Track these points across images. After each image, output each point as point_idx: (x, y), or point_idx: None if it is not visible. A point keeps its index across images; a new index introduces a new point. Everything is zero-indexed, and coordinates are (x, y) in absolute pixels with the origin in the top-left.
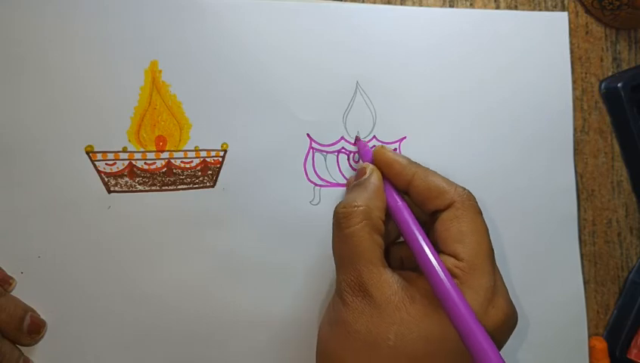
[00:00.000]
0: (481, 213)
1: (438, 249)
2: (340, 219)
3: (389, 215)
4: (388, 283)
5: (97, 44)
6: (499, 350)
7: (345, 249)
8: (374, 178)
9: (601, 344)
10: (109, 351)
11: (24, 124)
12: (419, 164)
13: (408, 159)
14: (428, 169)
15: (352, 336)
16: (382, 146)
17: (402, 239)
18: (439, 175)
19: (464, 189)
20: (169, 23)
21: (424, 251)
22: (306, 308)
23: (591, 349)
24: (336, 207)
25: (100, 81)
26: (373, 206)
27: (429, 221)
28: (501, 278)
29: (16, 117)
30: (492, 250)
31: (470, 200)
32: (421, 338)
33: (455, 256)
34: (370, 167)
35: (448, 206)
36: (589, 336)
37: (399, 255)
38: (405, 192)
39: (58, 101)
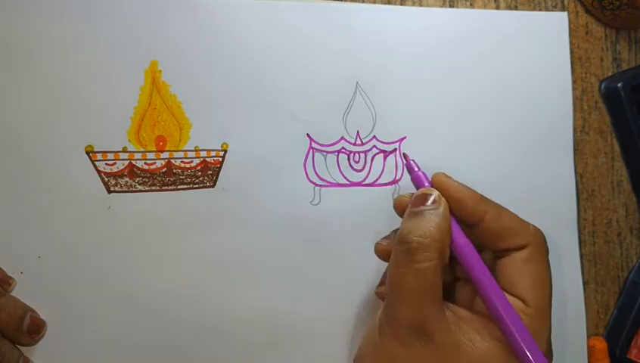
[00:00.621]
0: (548, 253)
1: (502, 288)
2: (415, 250)
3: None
4: (449, 325)
5: (98, 44)
6: None
7: (413, 284)
8: (444, 209)
9: (601, 344)
10: (109, 351)
11: (24, 124)
12: (488, 199)
13: (478, 194)
14: (498, 205)
15: None
16: (444, 174)
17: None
18: (510, 212)
19: (538, 229)
20: (169, 23)
21: (496, 299)
22: (307, 308)
23: (591, 348)
24: (406, 234)
25: (101, 81)
26: (446, 241)
27: (489, 257)
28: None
29: (16, 117)
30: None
31: (544, 242)
32: None
33: (523, 300)
34: (437, 194)
35: (522, 247)
36: (589, 336)
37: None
38: (468, 227)
39: (58, 101)
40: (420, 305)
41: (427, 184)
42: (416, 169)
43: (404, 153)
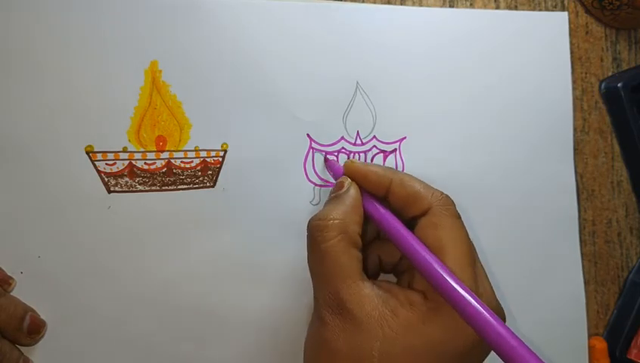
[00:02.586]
0: (459, 217)
1: None
2: (315, 233)
3: (370, 228)
4: (368, 298)
5: (98, 44)
6: None
7: (321, 266)
8: (351, 191)
9: (601, 344)
10: (109, 351)
11: (24, 124)
12: (395, 170)
13: (383, 167)
14: (406, 173)
15: (335, 355)
16: (351, 160)
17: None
18: (417, 179)
19: (442, 193)
20: (169, 23)
21: (419, 252)
22: (307, 308)
23: (591, 348)
24: (310, 220)
25: (101, 81)
26: (349, 219)
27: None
28: (484, 277)
29: (16, 117)
30: (472, 251)
31: (447, 205)
32: (406, 351)
33: None
34: (348, 181)
35: (426, 212)
36: (589, 336)
37: (375, 254)
38: (384, 200)
39: (58, 101)
40: (332, 283)
41: (341, 171)
42: (331, 161)
43: (325, 157)
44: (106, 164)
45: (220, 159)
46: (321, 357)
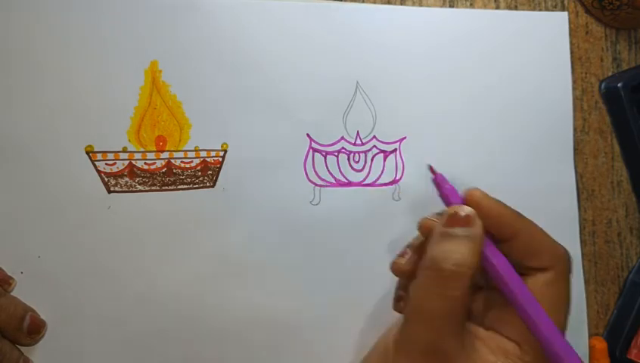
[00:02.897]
0: (571, 273)
1: None
2: (448, 279)
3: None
4: (464, 345)
5: (98, 44)
6: None
7: (438, 309)
8: (479, 230)
9: (601, 344)
10: (109, 351)
11: (24, 124)
12: (523, 216)
13: (514, 211)
14: (532, 222)
15: None
16: (480, 191)
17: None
18: (542, 231)
19: (565, 251)
20: (169, 23)
21: (543, 324)
22: (307, 308)
23: (591, 348)
24: (440, 261)
25: (101, 81)
26: (478, 266)
27: None
28: None
29: (16, 117)
30: None
31: (569, 264)
32: None
33: None
34: (473, 213)
35: (547, 269)
36: (589, 336)
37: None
38: (499, 242)
39: (58, 101)
40: (441, 328)
41: (458, 200)
42: (447, 185)
43: (430, 166)
44: (106, 164)
45: (220, 159)
46: None
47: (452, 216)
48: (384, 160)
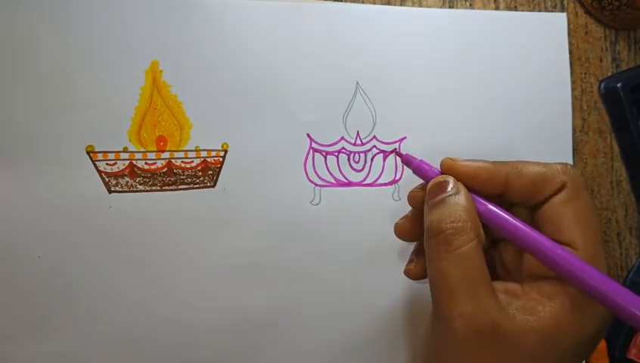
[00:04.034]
0: (586, 186)
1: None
2: (452, 236)
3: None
4: (504, 307)
5: (98, 44)
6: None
7: (458, 274)
8: (463, 190)
9: (601, 344)
10: (108, 351)
11: (25, 124)
12: (503, 162)
13: (489, 163)
14: (516, 162)
15: None
16: (450, 157)
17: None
18: (527, 162)
19: (566, 165)
20: (169, 23)
21: (546, 245)
22: (307, 308)
23: None
24: (437, 224)
25: (101, 81)
26: (477, 221)
27: (523, 214)
28: None
29: (17, 117)
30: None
31: (578, 176)
32: (560, 352)
33: (571, 245)
34: (452, 180)
35: (559, 190)
36: None
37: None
38: (498, 198)
39: (59, 101)
40: (473, 295)
41: (435, 171)
42: (417, 160)
43: (396, 151)
44: (106, 164)
45: (220, 159)
46: None
47: (435, 186)
48: (384, 160)
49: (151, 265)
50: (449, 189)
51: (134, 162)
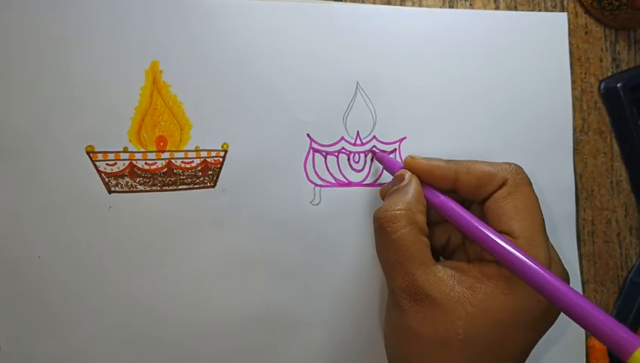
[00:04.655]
0: (531, 184)
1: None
2: (384, 224)
3: (432, 214)
4: (444, 280)
5: (98, 44)
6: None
7: (394, 255)
8: (413, 182)
9: (600, 344)
10: (109, 351)
11: (25, 124)
12: (456, 160)
13: (443, 160)
14: (467, 161)
15: (420, 339)
16: (411, 155)
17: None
18: (480, 161)
19: (510, 164)
20: (169, 23)
21: (484, 233)
22: (306, 308)
23: (589, 348)
24: (375, 213)
25: (101, 81)
26: (415, 209)
27: (478, 211)
28: (553, 247)
29: (16, 117)
30: (544, 221)
31: (520, 173)
32: (490, 323)
33: (510, 234)
34: (407, 173)
35: (501, 186)
36: (588, 336)
37: (442, 237)
38: (450, 191)
39: (59, 101)
40: (407, 271)
41: (399, 166)
42: (387, 157)
43: (372, 150)
44: (106, 164)
45: (220, 159)
46: (408, 344)
47: (393, 180)
48: None
49: (151, 265)
50: (405, 181)
51: (134, 162)
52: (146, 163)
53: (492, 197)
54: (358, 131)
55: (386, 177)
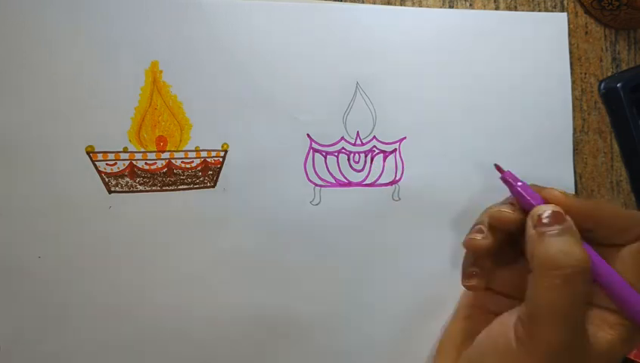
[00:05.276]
0: None
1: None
2: (574, 277)
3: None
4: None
5: (98, 44)
6: None
7: (569, 308)
8: (572, 223)
9: None
10: (109, 350)
11: (25, 124)
12: (600, 201)
13: (589, 200)
14: (611, 205)
15: None
16: (556, 189)
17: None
18: (622, 209)
19: None
20: (169, 23)
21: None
22: (306, 308)
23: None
24: (561, 257)
25: (101, 81)
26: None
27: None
28: None
29: (16, 117)
30: None
31: None
32: None
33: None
34: (567, 216)
35: (634, 240)
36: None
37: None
38: (585, 231)
39: (59, 101)
40: (575, 326)
41: (538, 198)
42: (519, 182)
43: (496, 165)
44: (106, 164)
45: (220, 159)
46: None
47: (554, 215)
48: (384, 160)
49: (151, 265)
50: (564, 221)
51: (134, 162)
52: (146, 163)
53: (622, 251)
54: (358, 132)
55: (387, 177)
